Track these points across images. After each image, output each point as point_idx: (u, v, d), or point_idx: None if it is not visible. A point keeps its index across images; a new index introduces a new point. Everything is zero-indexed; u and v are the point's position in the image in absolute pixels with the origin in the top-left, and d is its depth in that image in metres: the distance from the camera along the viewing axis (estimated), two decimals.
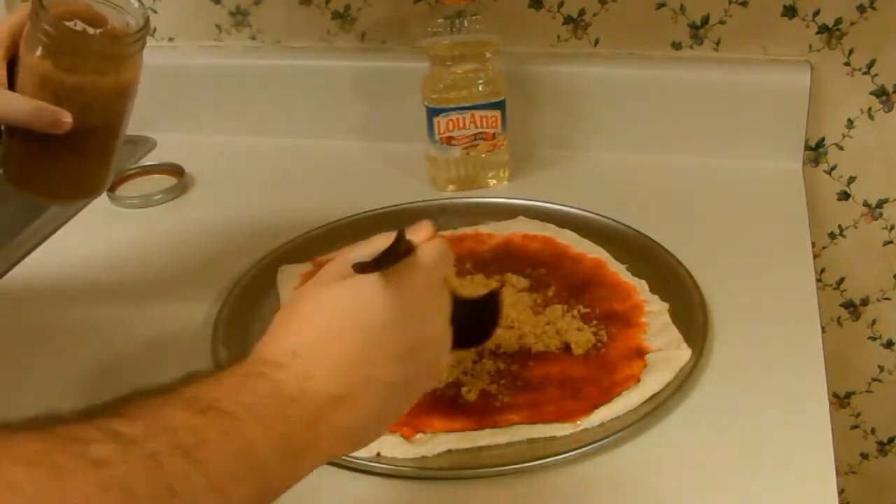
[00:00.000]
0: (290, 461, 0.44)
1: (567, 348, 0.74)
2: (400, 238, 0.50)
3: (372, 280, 0.49)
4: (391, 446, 0.65)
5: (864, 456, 1.22)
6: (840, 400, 1.19)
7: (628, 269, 0.84)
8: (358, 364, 0.47)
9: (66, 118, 0.65)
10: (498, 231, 0.92)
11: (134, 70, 0.69)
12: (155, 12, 1.17)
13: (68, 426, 0.37)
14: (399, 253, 0.50)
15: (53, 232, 0.99)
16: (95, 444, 0.37)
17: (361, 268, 0.48)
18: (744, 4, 1.00)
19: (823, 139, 1.04)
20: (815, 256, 1.03)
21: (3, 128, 0.68)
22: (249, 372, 0.46)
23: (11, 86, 0.66)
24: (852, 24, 0.98)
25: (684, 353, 0.72)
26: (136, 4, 0.68)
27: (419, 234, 0.53)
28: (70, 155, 0.69)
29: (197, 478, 0.39)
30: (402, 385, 0.50)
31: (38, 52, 0.64)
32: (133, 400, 0.42)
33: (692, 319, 0.76)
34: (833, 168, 1.05)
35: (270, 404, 0.44)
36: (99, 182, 0.73)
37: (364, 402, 0.47)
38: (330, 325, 0.48)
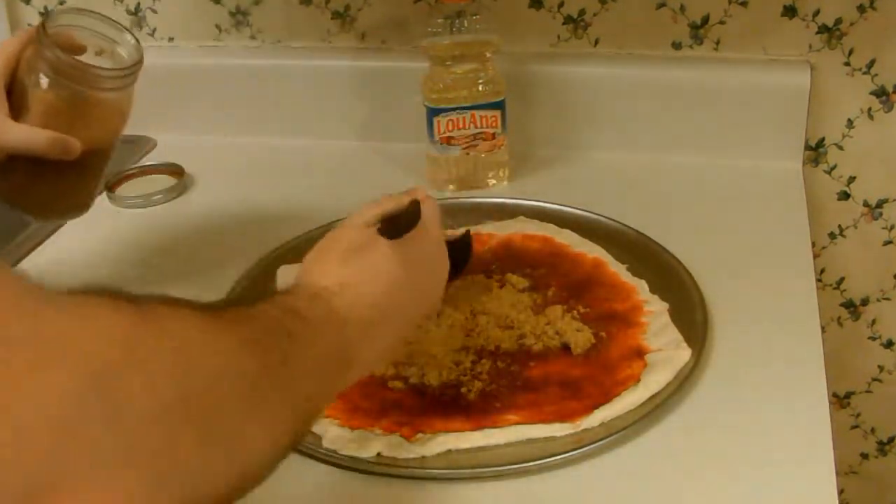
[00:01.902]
0: (343, 371, 0.55)
1: (567, 348, 0.74)
2: (413, 207, 0.64)
3: (393, 245, 0.62)
4: (391, 446, 0.65)
5: (864, 456, 1.22)
6: (840, 400, 1.19)
7: (628, 269, 0.84)
8: (387, 303, 0.60)
9: (77, 145, 0.71)
10: (498, 231, 0.92)
11: (129, 97, 0.75)
12: (155, 12, 1.17)
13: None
14: (412, 219, 0.63)
15: (53, 232, 0.98)
16: (231, 310, 0.49)
17: (386, 232, 0.62)
18: (744, 4, 1.00)
19: (823, 139, 1.04)
20: (815, 256, 1.03)
21: None
22: (315, 294, 0.56)
23: (12, 108, 0.71)
24: (852, 24, 0.98)
25: (684, 353, 0.72)
26: (131, 38, 0.74)
27: (417, 196, 0.67)
28: (68, 175, 0.74)
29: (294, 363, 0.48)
30: (415, 317, 0.65)
31: (44, 82, 0.70)
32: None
33: (692, 319, 0.76)
34: (833, 168, 1.05)
35: (332, 320, 0.55)
36: (88, 198, 0.79)
37: (390, 329, 0.61)
38: (363, 270, 0.60)
